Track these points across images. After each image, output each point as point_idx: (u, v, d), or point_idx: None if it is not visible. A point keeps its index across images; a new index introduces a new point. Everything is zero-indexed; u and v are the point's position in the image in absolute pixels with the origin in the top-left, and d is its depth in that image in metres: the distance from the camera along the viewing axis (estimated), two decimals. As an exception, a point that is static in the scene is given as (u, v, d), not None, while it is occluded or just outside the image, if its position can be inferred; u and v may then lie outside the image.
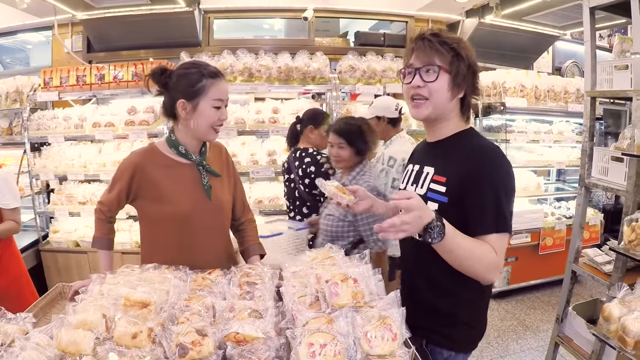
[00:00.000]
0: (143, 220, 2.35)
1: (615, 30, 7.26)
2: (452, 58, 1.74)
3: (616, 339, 2.38)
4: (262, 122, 4.84)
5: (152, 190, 2.21)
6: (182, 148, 2.23)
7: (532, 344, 4.48)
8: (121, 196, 2.25)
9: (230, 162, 2.54)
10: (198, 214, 2.24)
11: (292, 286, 1.68)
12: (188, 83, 2.14)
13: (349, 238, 2.95)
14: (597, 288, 5.53)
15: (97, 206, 2.38)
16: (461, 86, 1.78)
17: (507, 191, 1.72)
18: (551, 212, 5.86)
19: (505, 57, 6.94)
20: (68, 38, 6.18)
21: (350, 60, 5.04)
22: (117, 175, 2.27)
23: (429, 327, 1.85)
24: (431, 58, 1.74)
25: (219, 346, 1.40)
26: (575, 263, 3.33)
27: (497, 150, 1.77)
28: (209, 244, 2.31)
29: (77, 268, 4.94)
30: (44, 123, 4.90)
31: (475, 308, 1.92)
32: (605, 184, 3.03)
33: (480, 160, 1.72)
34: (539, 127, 5.85)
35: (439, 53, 1.74)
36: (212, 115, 2.16)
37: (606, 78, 3.03)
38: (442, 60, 1.74)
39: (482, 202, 1.67)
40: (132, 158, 2.27)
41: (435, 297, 1.86)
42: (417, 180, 1.93)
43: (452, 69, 1.74)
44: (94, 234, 2.39)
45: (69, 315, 1.52)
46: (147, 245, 2.37)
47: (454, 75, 1.75)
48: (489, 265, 1.63)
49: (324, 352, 1.28)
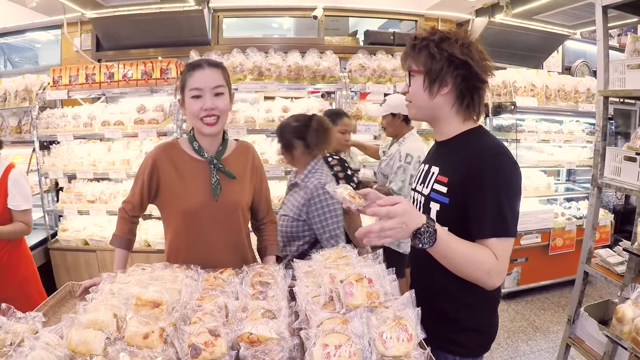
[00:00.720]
0: (163, 216, 2.36)
1: (625, 30, 7.21)
2: (424, 58, 1.74)
3: (629, 340, 2.36)
4: (272, 121, 4.82)
5: (168, 184, 2.22)
6: (196, 144, 2.24)
7: (542, 345, 4.45)
8: (143, 192, 2.26)
9: (257, 164, 2.49)
10: (205, 213, 2.23)
11: (305, 286, 1.67)
12: (182, 81, 2.19)
13: (304, 238, 2.86)
14: (607, 289, 5.49)
15: (121, 205, 2.38)
16: (441, 82, 1.74)
17: (510, 193, 1.65)
18: (561, 213, 5.82)
19: (515, 57, 6.90)
20: (77, 37, 6.19)
21: (360, 59, 5.02)
22: (139, 171, 2.29)
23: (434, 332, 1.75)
24: (407, 64, 1.82)
25: (232, 347, 1.38)
26: (587, 264, 3.29)
27: (501, 149, 1.71)
28: (219, 244, 2.29)
29: (86, 266, 4.94)
30: (53, 121, 4.90)
31: (481, 313, 1.87)
32: (618, 184, 3.00)
33: (481, 160, 1.67)
34: (549, 127, 5.81)
35: (410, 57, 1.80)
36: (192, 106, 2.12)
37: (619, 77, 3.00)
38: (415, 62, 1.78)
39: (481, 204, 1.63)
40: (152, 152, 2.28)
41: (439, 301, 1.82)
42: (425, 180, 1.90)
43: (425, 68, 1.75)
44: (114, 232, 2.38)
45: (79, 315, 1.50)
46: (169, 244, 2.35)
47: (427, 74, 1.74)
48: (489, 271, 1.57)
49: (338, 353, 1.26)
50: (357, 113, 5.08)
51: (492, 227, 1.60)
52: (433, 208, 1.79)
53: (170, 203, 2.26)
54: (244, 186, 2.37)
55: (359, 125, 4.88)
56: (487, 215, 1.61)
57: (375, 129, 4.90)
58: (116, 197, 4.95)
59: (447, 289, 1.77)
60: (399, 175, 3.80)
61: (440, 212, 1.76)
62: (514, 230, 1.64)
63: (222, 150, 2.30)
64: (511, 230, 1.62)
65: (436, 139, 1.97)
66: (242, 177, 2.36)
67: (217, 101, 2.13)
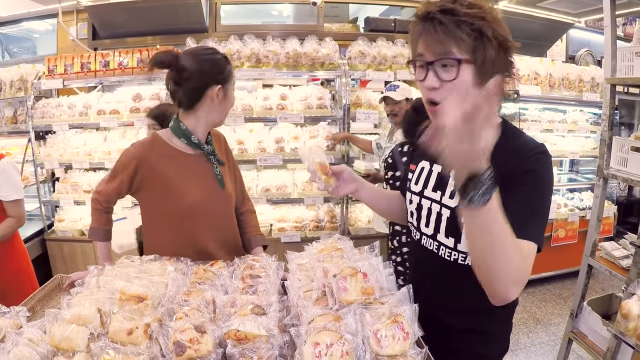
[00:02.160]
0: (147, 212, 2.29)
1: (631, 19, 7.13)
2: (474, 42, 1.30)
3: (634, 337, 2.31)
4: (270, 109, 4.76)
5: (159, 182, 2.15)
6: (194, 138, 2.17)
7: (544, 337, 4.41)
8: (122, 188, 2.18)
9: (229, 150, 2.51)
10: (211, 205, 2.23)
11: (297, 280, 1.60)
12: (220, 69, 2.14)
13: None
14: (610, 281, 5.45)
15: (93, 196, 2.30)
16: (490, 74, 1.37)
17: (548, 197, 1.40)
18: (564, 204, 5.76)
19: (518, 45, 6.82)
20: (73, 25, 6.11)
21: (360, 46, 4.93)
22: (118, 167, 2.18)
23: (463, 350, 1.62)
24: (447, 47, 1.32)
25: (218, 344, 1.32)
26: (592, 257, 3.23)
27: (545, 149, 1.43)
28: (219, 234, 2.30)
29: (82, 257, 4.91)
30: (49, 111, 4.85)
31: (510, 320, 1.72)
32: (625, 175, 2.94)
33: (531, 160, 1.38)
34: (552, 116, 5.73)
35: (457, 39, 1.30)
36: (234, 98, 2.27)
37: (627, 65, 2.94)
38: (461, 48, 1.31)
39: (517, 202, 1.31)
40: (136, 150, 2.18)
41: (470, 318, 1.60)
42: (442, 186, 1.58)
43: (476, 57, 1.32)
44: (90, 225, 2.33)
45: (63, 310, 1.45)
46: (152, 237, 2.30)
47: (481, 65, 1.33)
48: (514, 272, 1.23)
49: (330, 352, 1.19)
50: (356, 101, 5.01)
51: (526, 228, 1.30)
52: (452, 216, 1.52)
53: (166, 200, 2.18)
54: (230, 171, 2.42)
55: (359, 112, 4.83)
56: (523, 213, 1.31)
57: (375, 117, 4.84)
58: (112, 187, 4.88)
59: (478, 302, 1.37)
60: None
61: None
62: (542, 240, 1.35)
63: (211, 140, 2.29)
64: (541, 238, 1.35)
65: None
66: (226, 162, 2.39)
67: None
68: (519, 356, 4.09)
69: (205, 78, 2.10)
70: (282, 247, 4.63)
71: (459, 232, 1.50)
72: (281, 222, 4.94)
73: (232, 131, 5.07)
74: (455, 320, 1.62)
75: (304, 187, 4.90)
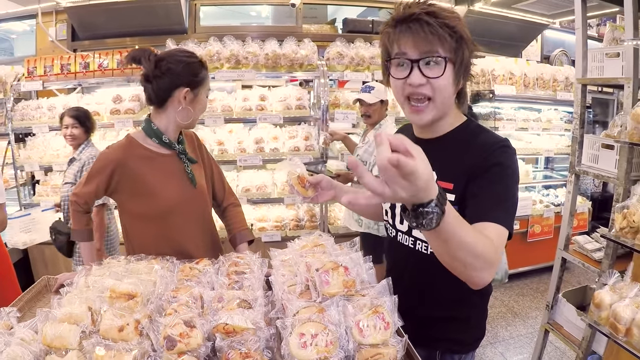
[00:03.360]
0: (125, 214, 2.31)
1: (604, 20, 7.28)
2: (455, 44, 1.41)
3: (607, 325, 2.39)
4: (250, 110, 4.80)
5: (136, 184, 2.17)
6: (165, 137, 2.20)
7: (522, 330, 4.51)
8: (99, 190, 2.20)
9: (203, 147, 2.53)
10: (185, 204, 2.24)
11: (281, 275, 1.65)
12: (192, 72, 2.16)
13: None
14: (585, 275, 5.57)
15: (71, 198, 2.30)
16: (463, 75, 1.49)
17: (515, 187, 1.48)
18: (539, 200, 5.89)
19: (494, 45, 6.93)
20: (52, 26, 6.09)
21: (339, 47, 4.99)
22: (94, 170, 2.20)
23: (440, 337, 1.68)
24: (433, 47, 1.40)
25: (207, 338, 1.37)
26: (565, 250, 3.34)
27: (509, 143, 1.51)
28: (196, 232, 2.31)
29: (63, 260, 4.84)
30: (28, 113, 4.82)
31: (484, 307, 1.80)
32: (596, 171, 3.04)
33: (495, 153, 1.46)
34: (527, 115, 5.86)
35: (442, 40, 1.39)
36: (205, 103, 2.28)
37: (597, 65, 3.04)
38: (445, 48, 1.40)
39: (484, 189, 1.42)
40: (112, 153, 2.20)
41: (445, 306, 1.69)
42: None
43: (456, 57, 1.43)
44: (72, 227, 2.36)
45: (53, 309, 1.48)
46: (131, 238, 2.32)
47: (459, 65, 1.44)
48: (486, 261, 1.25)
49: (315, 342, 1.25)
50: (335, 101, 5.07)
51: (494, 212, 1.38)
52: None
53: (142, 201, 2.20)
54: (200, 170, 2.40)
55: (337, 113, 4.89)
56: (490, 200, 1.41)
57: (353, 117, 4.90)
58: (93, 189, 4.86)
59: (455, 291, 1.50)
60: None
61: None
62: (511, 225, 1.41)
63: (182, 140, 2.31)
64: (510, 224, 1.40)
65: (419, 135, 1.67)
66: (199, 161, 2.41)
67: None
68: (497, 349, 4.19)
69: (174, 78, 2.13)
70: (263, 247, 4.67)
71: None
72: (262, 222, 4.97)
73: (212, 132, 5.09)
74: (434, 310, 1.70)
75: (283, 187, 4.92)
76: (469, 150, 1.50)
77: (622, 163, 2.76)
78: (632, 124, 2.50)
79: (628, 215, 2.49)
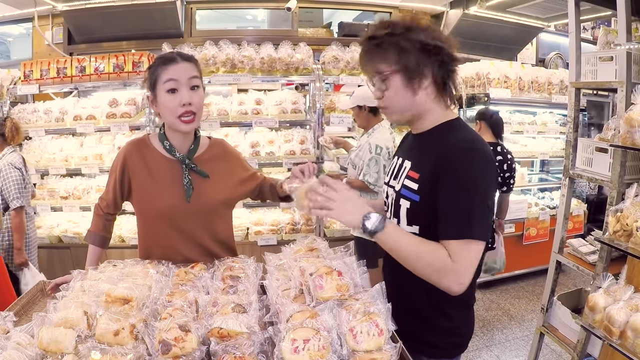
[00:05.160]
0: (137, 217, 2.27)
1: (599, 23, 7.32)
2: (396, 55, 1.58)
3: (602, 328, 2.41)
4: (245, 114, 4.81)
5: (139, 183, 2.15)
6: (167, 143, 2.12)
7: (517, 333, 4.52)
8: (116, 190, 2.18)
9: (235, 159, 2.37)
10: (178, 215, 2.13)
11: (276, 279, 1.66)
12: (149, 77, 2.06)
13: None
14: (581, 277, 5.58)
15: (97, 201, 2.31)
16: (421, 75, 1.59)
17: (481, 193, 1.54)
18: (535, 203, 5.92)
19: (489, 48, 6.96)
20: (48, 30, 6.09)
21: (334, 51, 5.00)
22: (111, 168, 2.21)
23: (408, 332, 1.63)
24: (375, 66, 1.64)
25: (202, 342, 1.38)
26: (559, 253, 3.35)
27: (472, 145, 1.59)
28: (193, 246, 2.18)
29: (59, 263, 4.87)
30: (25, 117, 4.80)
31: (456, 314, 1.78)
32: (590, 174, 3.05)
33: (452, 155, 1.56)
34: (522, 118, 5.88)
35: (380, 57, 1.61)
36: (168, 101, 1.99)
37: (590, 69, 3.05)
38: (386, 62, 1.60)
39: (448, 203, 1.53)
40: (124, 148, 2.19)
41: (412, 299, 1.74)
42: (397, 174, 1.79)
43: (400, 67, 1.58)
44: (88, 228, 2.33)
45: (49, 313, 1.49)
46: (142, 242, 2.27)
47: (404, 71, 1.58)
48: (438, 270, 1.48)
49: (307, 347, 1.26)
50: (330, 105, 5.09)
51: (457, 228, 1.50)
52: (403, 205, 1.69)
53: (142, 202, 2.18)
54: (219, 185, 2.21)
55: (333, 117, 4.91)
56: (454, 214, 1.52)
57: (348, 121, 4.91)
58: (89, 193, 4.88)
59: (419, 286, 1.60)
60: (372, 167, 3.82)
61: (410, 210, 1.66)
62: (479, 233, 1.51)
63: (194, 149, 2.17)
64: (475, 233, 1.50)
65: (412, 131, 1.83)
66: (218, 175, 2.22)
67: (193, 96, 2.02)
68: (493, 351, 4.20)
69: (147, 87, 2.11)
70: (259, 250, 4.68)
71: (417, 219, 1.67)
72: (258, 226, 4.97)
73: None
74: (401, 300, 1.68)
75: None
76: (439, 147, 1.62)
77: (616, 166, 2.78)
78: (625, 128, 2.51)
79: (622, 218, 2.51)
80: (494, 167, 1.63)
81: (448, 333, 1.79)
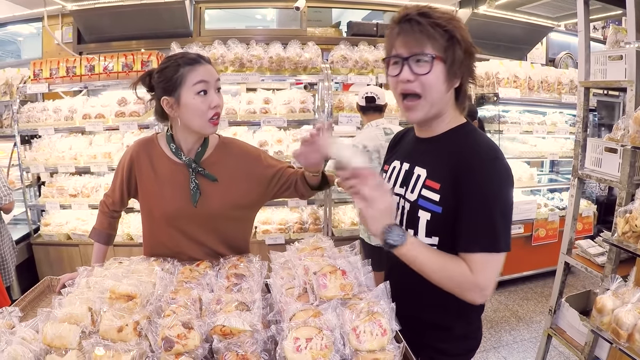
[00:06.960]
0: (142, 216, 2.24)
1: (609, 22, 7.25)
2: (446, 43, 1.46)
3: (609, 331, 2.38)
4: (254, 113, 4.82)
5: (145, 183, 2.13)
6: (173, 146, 2.07)
7: (525, 335, 4.50)
8: (122, 188, 2.18)
9: (252, 158, 2.22)
10: (183, 219, 2.09)
11: (280, 278, 1.65)
12: (166, 77, 1.94)
13: None
14: (590, 279, 5.54)
15: (102, 198, 2.31)
16: (458, 74, 1.52)
17: (503, 203, 1.48)
18: (544, 203, 5.87)
19: (498, 48, 6.91)
20: (58, 29, 6.12)
21: (343, 51, 4.99)
22: (118, 166, 2.20)
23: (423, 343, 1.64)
24: (422, 45, 1.46)
25: (205, 339, 1.38)
26: (568, 255, 3.32)
27: (497, 154, 1.51)
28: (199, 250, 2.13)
29: (68, 261, 4.91)
30: (34, 115, 4.86)
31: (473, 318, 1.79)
32: (599, 175, 3.03)
33: (475, 166, 1.48)
34: (532, 118, 5.85)
35: (431, 38, 1.45)
36: (197, 103, 1.92)
37: (600, 68, 3.02)
38: (435, 46, 1.46)
39: (471, 215, 1.47)
40: (131, 147, 2.18)
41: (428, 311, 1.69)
42: (407, 182, 1.68)
43: (447, 56, 1.47)
44: (93, 225, 2.33)
45: (54, 309, 1.50)
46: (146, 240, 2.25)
47: (450, 64, 1.48)
48: (460, 285, 1.46)
49: (309, 346, 1.26)
50: (339, 104, 5.07)
51: (479, 242, 1.45)
52: (422, 217, 1.58)
53: (148, 204, 2.15)
54: (230, 188, 2.12)
55: (341, 116, 4.90)
56: (476, 228, 1.46)
57: (357, 120, 4.88)
58: (98, 191, 4.92)
59: (437, 297, 1.55)
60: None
61: (431, 222, 1.57)
62: (504, 244, 1.46)
63: (201, 152, 2.10)
64: (502, 245, 1.46)
65: (418, 134, 1.74)
66: (228, 177, 2.13)
67: (219, 98, 1.98)
68: (501, 353, 4.18)
69: (157, 92, 2.01)
70: (266, 249, 4.67)
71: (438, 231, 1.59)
72: (265, 225, 4.98)
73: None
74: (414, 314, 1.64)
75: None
76: (459, 155, 1.53)
77: (625, 167, 2.75)
78: (635, 127, 2.49)
79: (631, 219, 2.48)
80: (512, 176, 1.54)
81: (466, 338, 1.78)
